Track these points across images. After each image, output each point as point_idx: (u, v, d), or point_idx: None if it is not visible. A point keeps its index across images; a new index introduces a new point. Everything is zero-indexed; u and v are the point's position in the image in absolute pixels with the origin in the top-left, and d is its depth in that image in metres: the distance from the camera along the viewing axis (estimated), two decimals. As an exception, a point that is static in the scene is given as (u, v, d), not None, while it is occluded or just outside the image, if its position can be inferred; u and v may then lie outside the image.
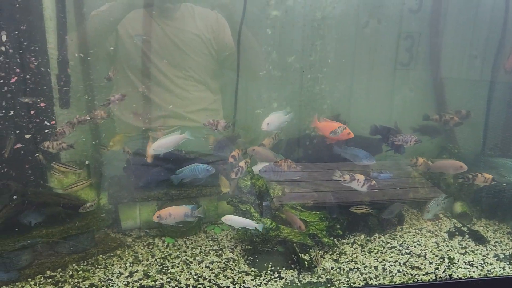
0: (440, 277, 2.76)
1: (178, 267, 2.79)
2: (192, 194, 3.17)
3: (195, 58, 3.50)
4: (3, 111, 2.73)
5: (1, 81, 2.72)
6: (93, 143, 3.40)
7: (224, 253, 2.96)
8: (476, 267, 2.87)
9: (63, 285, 2.58)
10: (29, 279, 2.61)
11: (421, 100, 4.23)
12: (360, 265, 2.85)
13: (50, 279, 2.63)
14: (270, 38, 3.76)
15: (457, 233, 3.29)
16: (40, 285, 2.57)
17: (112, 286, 2.59)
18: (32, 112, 2.89)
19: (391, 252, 3.01)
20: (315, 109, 4.00)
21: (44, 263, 2.69)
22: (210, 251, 2.98)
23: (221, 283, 2.64)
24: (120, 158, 3.23)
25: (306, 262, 2.78)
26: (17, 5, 2.74)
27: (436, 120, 3.66)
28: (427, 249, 3.05)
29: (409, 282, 2.71)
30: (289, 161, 3.04)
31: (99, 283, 2.61)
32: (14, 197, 2.54)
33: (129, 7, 3.21)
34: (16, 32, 2.75)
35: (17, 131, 2.80)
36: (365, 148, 3.33)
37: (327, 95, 4.02)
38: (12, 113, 2.79)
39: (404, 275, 2.77)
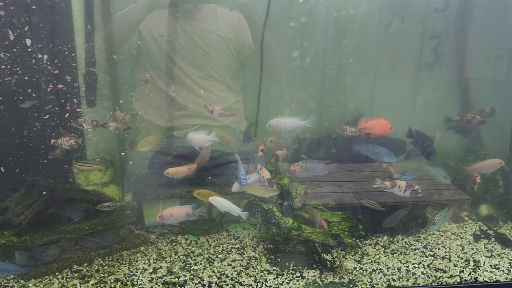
0: (465, 280, 2.72)
1: (201, 264, 2.82)
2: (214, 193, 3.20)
3: (217, 58, 3.52)
4: (35, 111, 2.81)
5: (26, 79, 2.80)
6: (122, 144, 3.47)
7: (246, 252, 2.98)
8: (503, 271, 2.81)
9: (89, 279, 2.64)
10: (57, 273, 2.68)
11: (444, 101, 4.16)
12: (383, 266, 2.83)
13: (77, 273, 2.69)
14: (292, 38, 3.76)
15: (482, 236, 3.23)
16: (67, 279, 2.64)
17: (137, 281, 2.63)
18: (60, 111, 2.97)
19: (414, 254, 2.98)
20: (338, 109, 3.99)
21: (71, 257, 2.76)
22: (232, 249, 3.00)
23: (243, 281, 2.65)
24: (145, 156, 3.28)
25: (328, 262, 2.78)
26: (47, 7, 2.82)
27: (458, 121, 3.61)
28: (451, 252, 3.01)
29: (433, 284, 2.68)
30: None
31: (124, 278, 2.66)
32: (44, 192, 2.61)
33: (149, 7, 3.26)
34: (45, 32, 2.83)
35: (47, 130, 2.89)
36: (388, 149, 3.31)
37: (350, 95, 4.00)
38: (41, 112, 2.88)
39: (428, 277, 2.73)
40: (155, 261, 2.84)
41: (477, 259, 2.92)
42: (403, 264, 2.86)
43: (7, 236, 2.58)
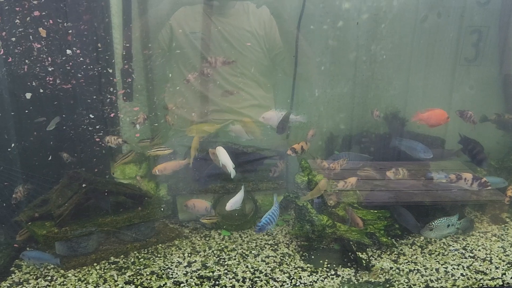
0: (508, 283, 2.62)
1: (234, 259, 2.82)
2: (248, 188, 3.20)
3: (248, 55, 3.51)
4: (76, 106, 2.87)
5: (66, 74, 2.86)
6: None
7: (280, 248, 2.97)
8: (548, 275, 2.70)
9: (126, 271, 2.68)
10: (95, 264, 2.74)
11: (481, 98, 4.02)
12: (421, 267, 2.76)
13: (114, 265, 2.74)
14: (325, 34, 3.71)
15: (525, 238, 3.11)
16: (105, 270, 2.69)
17: (172, 274, 2.66)
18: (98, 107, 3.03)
19: (453, 255, 2.89)
20: (371, 105, 3.91)
21: (108, 249, 2.81)
22: (265, 245, 3.00)
23: (277, 278, 2.64)
24: (178, 152, 3.31)
25: (363, 261, 2.73)
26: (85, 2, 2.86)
27: (494, 120, 3.49)
28: (492, 254, 2.91)
29: (473, 286, 2.60)
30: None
31: (159, 271, 2.69)
32: (83, 185, 2.67)
33: (175, 4, 3.27)
34: (84, 28, 2.88)
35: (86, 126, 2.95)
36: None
37: (384, 91, 3.92)
38: (81, 108, 2.93)
39: (468, 279, 2.65)
40: (189, 255, 2.87)
41: (520, 262, 2.82)
42: (441, 265, 2.78)
43: (48, 227, 2.65)
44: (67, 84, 2.82)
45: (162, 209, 2.98)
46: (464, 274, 2.69)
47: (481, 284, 2.61)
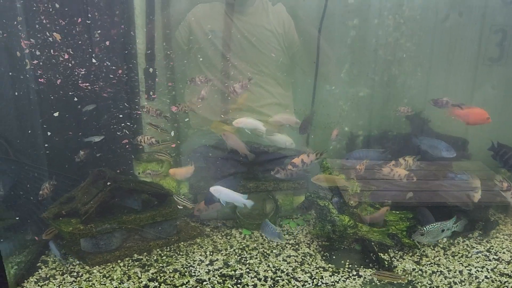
0: (534, 287, 2.58)
1: (256, 258, 2.84)
2: (269, 188, 3.21)
3: (267, 53, 3.52)
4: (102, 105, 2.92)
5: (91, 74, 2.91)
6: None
7: (301, 248, 2.97)
8: None
9: (149, 268, 2.72)
10: (119, 261, 2.78)
11: (503, 98, 3.96)
12: (444, 269, 2.74)
13: (137, 262, 2.78)
14: (346, 32, 3.69)
15: (550, 241, 3.06)
16: (129, 267, 2.73)
17: (194, 272, 2.68)
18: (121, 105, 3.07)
19: (477, 257, 2.86)
20: (392, 105, 3.89)
21: (131, 246, 2.85)
22: (286, 245, 3.00)
23: (299, 277, 2.65)
24: (201, 150, 3.34)
25: (386, 262, 2.72)
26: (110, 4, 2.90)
27: None
28: (517, 256, 2.88)
29: (498, 289, 2.57)
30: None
31: (182, 269, 2.72)
32: (108, 183, 2.71)
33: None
34: (108, 28, 2.92)
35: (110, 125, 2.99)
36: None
37: (405, 91, 3.89)
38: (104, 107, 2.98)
39: (493, 281, 2.62)
40: (211, 253, 2.89)
41: (546, 266, 2.77)
42: (465, 267, 2.75)
43: (74, 224, 2.70)
44: (96, 86, 2.87)
45: (184, 208, 3.01)
46: (489, 276, 2.66)
47: (505, 287, 2.57)
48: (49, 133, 2.83)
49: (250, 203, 2.76)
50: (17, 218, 2.68)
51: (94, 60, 2.82)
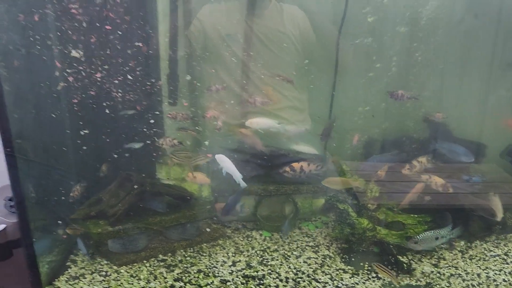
0: (552, 290, 2.63)
1: (277, 260, 2.92)
2: (289, 191, 3.28)
3: (282, 56, 3.55)
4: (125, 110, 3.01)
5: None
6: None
7: (320, 250, 3.04)
8: None
9: (174, 268, 2.81)
10: (144, 261, 2.88)
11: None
12: (462, 271, 2.79)
13: (162, 262, 2.88)
14: (359, 34, 3.74)
15: None
16: (154, 267, 2.83)
17: (218, 273, 2.77)
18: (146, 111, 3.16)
19: (494, 260, 2.91)
20: (407, 109, 3.93)
21: (156, 247, 2.95)
22: (306, 247, 3.08)
23: (319, 279, 2.72)
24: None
25: (404, 264, 2.78)
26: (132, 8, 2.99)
27: None
28: (534, 260, 2.92)
29: (516, 292, 2.62)
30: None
31: (206, 269, 2.81)
32: (135, 186, 2.81)
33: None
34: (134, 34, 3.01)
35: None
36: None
37: (420, 95, 3.93)
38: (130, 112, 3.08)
39: (510, 284, 2.67)
40: (233, 254, 2.98)
41: None
42: (483, 270, 2.81)
43: (102, 225, 2.81)
44: (128, 94, 2.97)
45: (206, 210, 3.10)
46: (506, 279, 2.71)
47: (524, 290, 2.63)
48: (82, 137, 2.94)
49: (243, 184, 2.91)
50: (59, 222, 2.79)
51: (128, 74, 2.94)
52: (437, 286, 2.67)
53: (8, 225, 2.83)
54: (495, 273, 2.77)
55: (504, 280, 2.71)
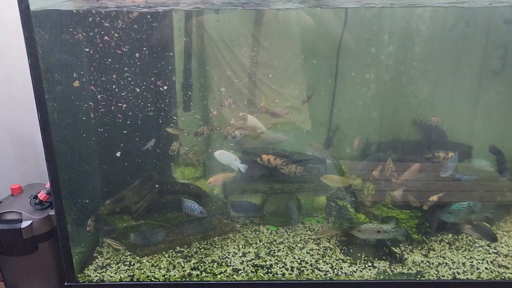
0: (528, 276, 2.96)
1: (283, 251, 3.24)
2: (293, 189, 3.59)
3: (281, 56, 3.72)
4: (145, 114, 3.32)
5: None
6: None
7: (322, 242, 3.36)
8: None
9: (190, 259, 3.13)
10: (164, 252, 3.20)
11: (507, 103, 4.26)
12: (449, 261, 3.11)
13: (180, 254, 3.20)
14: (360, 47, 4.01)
15: (545, 237, 3.42)
16: (173, 258, 3.15)
17: (229, 263, 3.09)
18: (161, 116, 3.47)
19: (478, 251, 3.23)
20: (401, 112, 4.22)
21: (174, 240, 3.27)
22: (309, 240, 3.40)
23: (321, 267, 3.05)
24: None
25: (397, 255, 3.11)
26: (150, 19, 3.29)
27: None
28: (514, 250, 3.24)
29: (496, 278, 2.94)
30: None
31: (219, 259, 3.13)
32: (156, 185, 3.13)
33: None
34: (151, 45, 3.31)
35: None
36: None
37: (413, 98, 4.21)
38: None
39: (491, 272, 2.99)
40: (243, 246, 3.30)
41: (539, 259, 3.14)
42: (467, 259, 3.13)
43: (126, 220, 3.13)
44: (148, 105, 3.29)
45: (219, 206, 3.42)
46: (488, 268, 3.04)
47: (503, 277, 2.95)
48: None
49: (244, 167, 3.24)
50: (92, 219, 3.09)
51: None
52: (427, 274, 2.99)
53: (34, 221, 3.14)
54: (478, 262, 3.10)
55: (486, 268, 3.03)
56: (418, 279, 2.97)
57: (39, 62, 2.48)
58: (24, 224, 3.08)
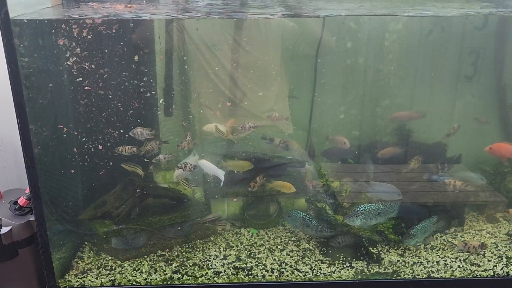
0: (498, 273, 3.07)
1: (263, 253, 3.30)
2: (273, 192, 3.66)
3: (264, 60, 3.76)
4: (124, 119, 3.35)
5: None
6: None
7: (301, 244, 3.43)
8: (533, 267, 3.15)
9: (171, 262, 3.17)
10: (145, 256, 3.22)
11: (482, 105, 4.41)
12: (424, 260, 3.22)
13: (161, 257, 3.23)
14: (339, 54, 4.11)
15: (515, 235, 3.56)
16: (154, 261, 3.18)
17: (211, 266, 3.14)
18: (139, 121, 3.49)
19: (452, 250, 3.34)
20: (379, 116, 4.34)
21: (155, 244, 3.30)
22: (289, 242, 3.46)
23: (301, 269, 3.12)
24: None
25: (374, 255, 3.19)
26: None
27: None
28: (486, 249, 3.36)
29: (468, 276, 3.05)
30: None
31: (200, 262, 3.17)
32: (137, 190, 3.16)
33: None
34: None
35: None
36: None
37: (392, 103, 4.33)
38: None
39: (464, 270, 3.10)
40: (224, 249, 3.34)
41: (509, 256, 3.26)
42: (442, 258, 3.24)
43: (107, 225, 3.15)
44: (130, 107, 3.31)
45: (200, 210, 3.46)
46: (461, 266, 3.15)
47: (475, 275, 3.06)
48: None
49: (221, 177, 3.31)
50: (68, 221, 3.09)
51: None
52: (402, 273, 3.08)
53: (14, 227, 3.12)
54: (452, 261, 3.21)
55: (459, 266, 3.14)
56: (394, 278, 3.06)
57: (18, 69, 2.49)
58: (4, 230, 3.06)
